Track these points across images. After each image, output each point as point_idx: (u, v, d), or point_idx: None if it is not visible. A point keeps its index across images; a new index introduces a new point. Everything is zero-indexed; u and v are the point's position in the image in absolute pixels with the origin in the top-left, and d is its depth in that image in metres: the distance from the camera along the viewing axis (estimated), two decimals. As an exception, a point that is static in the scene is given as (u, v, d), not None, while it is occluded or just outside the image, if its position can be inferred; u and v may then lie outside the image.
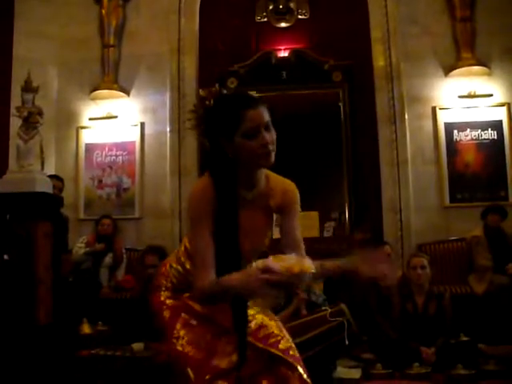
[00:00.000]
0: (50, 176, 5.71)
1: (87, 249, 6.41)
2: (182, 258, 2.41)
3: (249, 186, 2.21)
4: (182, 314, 2.32)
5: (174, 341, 2.28)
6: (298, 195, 2.34)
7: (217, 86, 5.46)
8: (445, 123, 6.86)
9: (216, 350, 2.22)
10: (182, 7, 7.45)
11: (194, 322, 2.29)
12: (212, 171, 2.20)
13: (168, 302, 2.39)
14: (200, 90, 2.16)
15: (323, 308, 4.90)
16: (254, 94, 2.25)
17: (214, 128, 2.17)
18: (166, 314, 2.36)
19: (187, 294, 2.32)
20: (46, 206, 5.06)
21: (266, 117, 2.10)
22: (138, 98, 7.39)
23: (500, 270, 5.71)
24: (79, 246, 6.47)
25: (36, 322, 4.78)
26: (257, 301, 2.33)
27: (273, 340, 2.22)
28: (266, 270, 1.89)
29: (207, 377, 2.16)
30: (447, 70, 6.89)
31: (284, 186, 2.31)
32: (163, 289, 2.42)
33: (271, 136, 2.10)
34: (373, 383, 4.35)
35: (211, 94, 2.86)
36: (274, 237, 2.49)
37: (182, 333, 2.29)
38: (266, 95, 6.62)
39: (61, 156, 7.43)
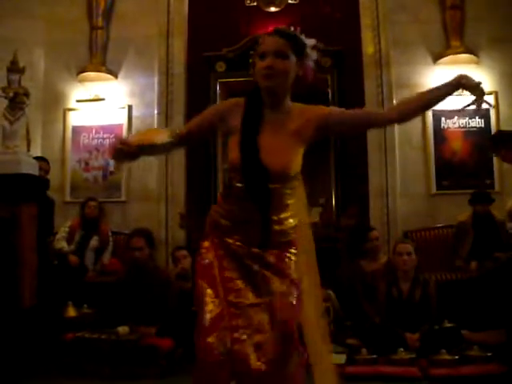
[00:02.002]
0: (36, 158, 5.67)
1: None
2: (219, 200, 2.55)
3: (274, 109, 2.40)
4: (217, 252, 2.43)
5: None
6: (321, 106, 2.49)
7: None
8: (433, 110, 6.84)
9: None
10: (171, -11, 7.40)
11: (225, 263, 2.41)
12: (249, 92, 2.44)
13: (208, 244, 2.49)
14: None
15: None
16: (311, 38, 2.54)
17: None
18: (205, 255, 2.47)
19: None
20: (31, 188, 5.03)
21: (277, 45, 2.34)
22: (126, 81, 7.35)
23: (488, 256, 5.74)
24: (62, 234, 6.41)
25: (20, 305, 4.76)
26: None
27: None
28: (123, 141, 2.26)
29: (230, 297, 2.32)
30: (436, 57, 6.89)
31: (302, 107, 2.46)
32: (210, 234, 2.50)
33: (277, 63, 2.31)
34: (357, 368, 4.38)
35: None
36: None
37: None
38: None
39: (47, 138, 7.38)
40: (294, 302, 2.35)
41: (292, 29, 2.46)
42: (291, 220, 2.44)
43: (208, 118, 2.49)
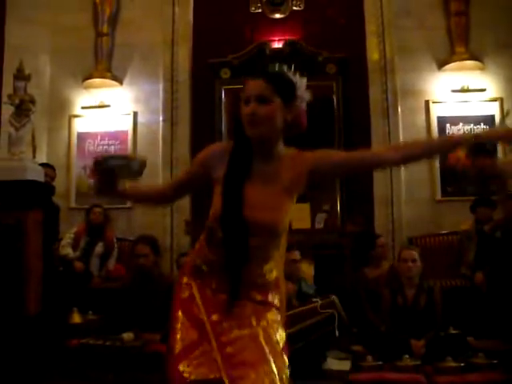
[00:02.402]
0: (42, 164, 5.69)
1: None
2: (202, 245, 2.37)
3: (264, 159, 2.22)
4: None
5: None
6: (312, 151, 2.28)
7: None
8: (438, 117, 6.87)
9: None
10: (176, -3, 7.44)
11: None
12: (234, 136, 2.27)
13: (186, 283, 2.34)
14: None
15: (314, 300, 4.92)
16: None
17: None
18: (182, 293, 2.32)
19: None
20: (37, 195, 5.04)
21: (259, 90, 2.15)
22: (131, 87, 7.37)
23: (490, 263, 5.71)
24: (67, 240, 6.43)
25: (26, 312, 4.76)
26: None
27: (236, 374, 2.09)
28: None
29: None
30: (441, 64, 6.90)
31: (294, 155, 2.26)
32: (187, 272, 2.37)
33: (260, 108, 2.13)
34: (362, 375, 4.37)
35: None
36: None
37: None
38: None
39: (53, 144, 7.40)
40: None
41: (282, 67, 2.28)
42: (274, 273, 2.28)
43: (192, 172, 2.37)
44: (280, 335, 2.23)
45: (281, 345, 2.21)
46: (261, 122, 2.13)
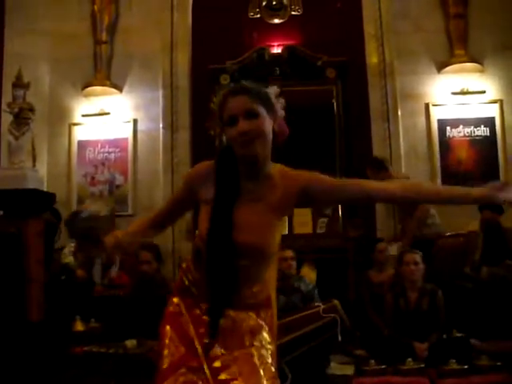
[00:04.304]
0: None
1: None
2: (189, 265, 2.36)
3: (251, 178, 2.13)
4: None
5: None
6: (304, 171, 2.18)
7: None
8: (438, 120, 6.87)
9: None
10: (174, 3, 7.44)
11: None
12: (217, 158, 2.19)
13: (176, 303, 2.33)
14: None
15: (316, 304, 4.91)
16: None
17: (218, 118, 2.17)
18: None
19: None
20: (37, 203, 5.04)
21: (246, 105, 2.06)
22: (131, 95, 7.38)
23: (495, 264, 5.69)
24: (70, 249, 6.41)
25: (28, 320, 4.76)
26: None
27: None
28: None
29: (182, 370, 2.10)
30: (440, 66, 6.90)
31: (283, 173, 2.17)
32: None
33: (251, 124, 2.04)
34: (366, 379, 4.35)
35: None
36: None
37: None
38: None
39: (53, 153, 7.40)
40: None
41: (245, 82, 2.17)
42: (264, 293, 2.25)
43: (179, 198, 2.36)
44: (272, 359, 2.18)
45: (273, 369, 2.16)
46: (255, 137, 2.04)
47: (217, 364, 2.08)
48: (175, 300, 2.31)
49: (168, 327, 2.24)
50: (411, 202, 2.21)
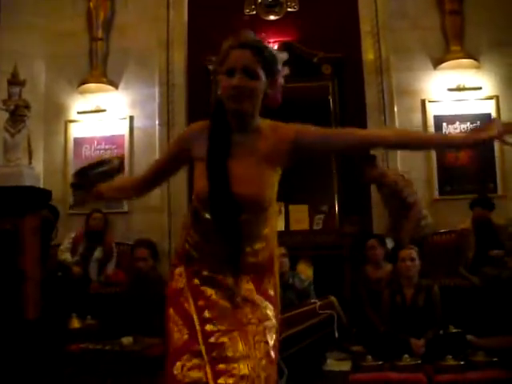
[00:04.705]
0: None
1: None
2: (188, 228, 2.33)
3: (241, 130, 2.17)
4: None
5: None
6: (295, 124, 2.20)
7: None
8: (434, 116, 6.87)
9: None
10: (170, 1, 7.43)
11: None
12: (211, 112, 2.21)
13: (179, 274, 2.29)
14: None
15: (312, 300, 4.92)
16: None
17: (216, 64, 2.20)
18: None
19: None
20: (34, 201, 5.04)
21: (247, 61, 2.07)
22: (127, 92, 7.37)
23: (488, 262, 5.71)
24: (66, 245, 6.41)
25: (25, 317, 4.76)
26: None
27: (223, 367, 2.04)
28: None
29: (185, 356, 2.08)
30: (436, 63, 6.90)
31: (273, 125, 2.20)
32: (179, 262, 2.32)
33: (246, 82, 2.06)
34: (362, 375, 4.36)
35: None
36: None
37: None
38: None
39: (49, 150, 7.39)
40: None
41: (256, 39, 2.17)
42: (266, 252, 2.23)
43: (171, 154, 2.36)
44: (271, 337, 2.17)
45: (271, 344, 2.15)
46: (246, 96, 2.07)
47: (212, 340, 2.07)
48: (177, 271, 2.28)
49: (171, 310, 2.23)
50: (403, 148, 2.21)
